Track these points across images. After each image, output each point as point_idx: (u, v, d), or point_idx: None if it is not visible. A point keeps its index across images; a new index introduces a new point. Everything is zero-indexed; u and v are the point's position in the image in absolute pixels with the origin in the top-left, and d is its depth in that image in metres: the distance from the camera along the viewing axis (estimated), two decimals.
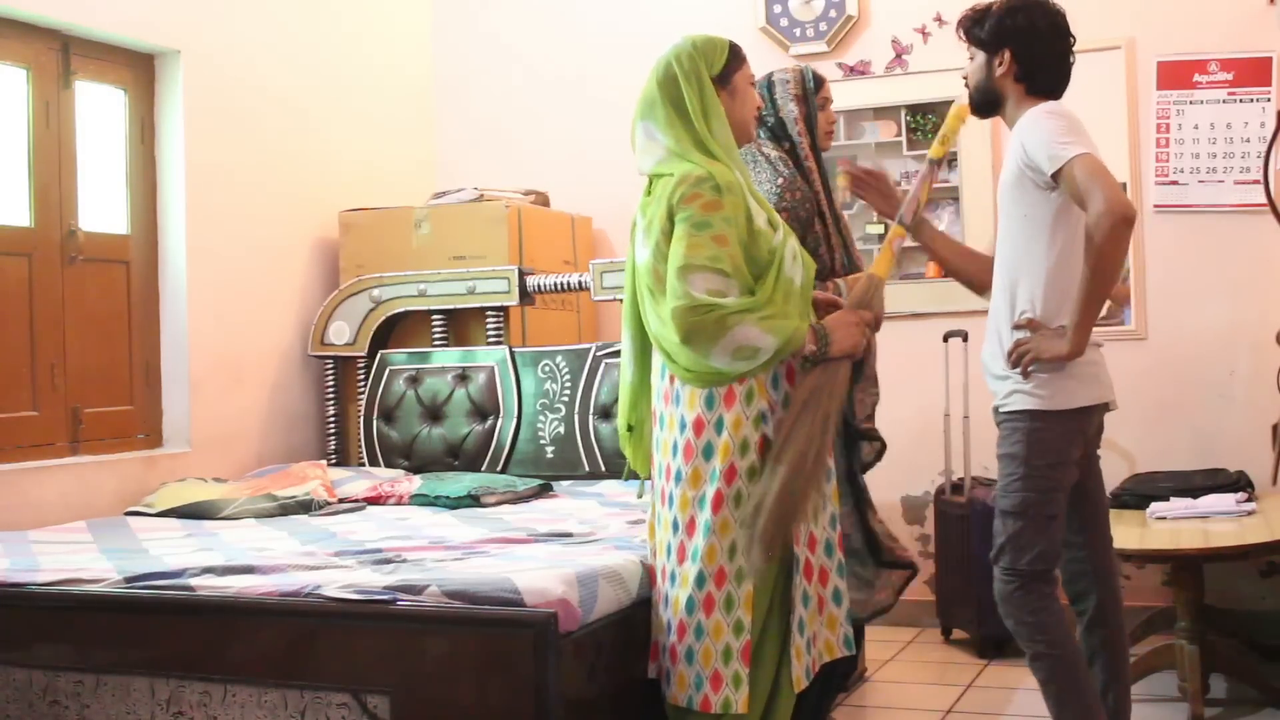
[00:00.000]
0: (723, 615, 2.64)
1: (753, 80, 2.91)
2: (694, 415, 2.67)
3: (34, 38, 4.09)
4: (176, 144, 4.51)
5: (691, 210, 2.60)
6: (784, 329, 2.59)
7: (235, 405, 4.68)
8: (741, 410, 2.64)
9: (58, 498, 3.98)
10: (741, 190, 2.67)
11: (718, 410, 2.65)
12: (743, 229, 2.64)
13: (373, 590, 2.61)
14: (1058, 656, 2.83)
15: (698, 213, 2.60)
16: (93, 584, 2.86)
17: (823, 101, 3.53)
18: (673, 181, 2.66)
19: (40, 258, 4.10)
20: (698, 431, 2.66)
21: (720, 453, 2.65)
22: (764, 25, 5.22)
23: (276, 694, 2.59)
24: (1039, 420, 2.82)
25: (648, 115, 2.79)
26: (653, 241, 2.66)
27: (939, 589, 4.76)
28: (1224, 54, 4.61)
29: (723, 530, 2.64)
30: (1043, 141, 2.73)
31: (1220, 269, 4.62)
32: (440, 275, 4.85)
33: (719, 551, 2.64)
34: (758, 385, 2.66)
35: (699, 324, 2.53)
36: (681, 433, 2.69)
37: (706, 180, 2.62)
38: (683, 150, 2.71)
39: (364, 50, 5.43)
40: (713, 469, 2.65)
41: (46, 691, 2.80)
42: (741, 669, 2.62)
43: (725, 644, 2.63)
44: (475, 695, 2.45)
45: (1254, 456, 4.43)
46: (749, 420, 2.65)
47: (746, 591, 2.63)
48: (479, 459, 4.64)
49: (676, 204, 2.63)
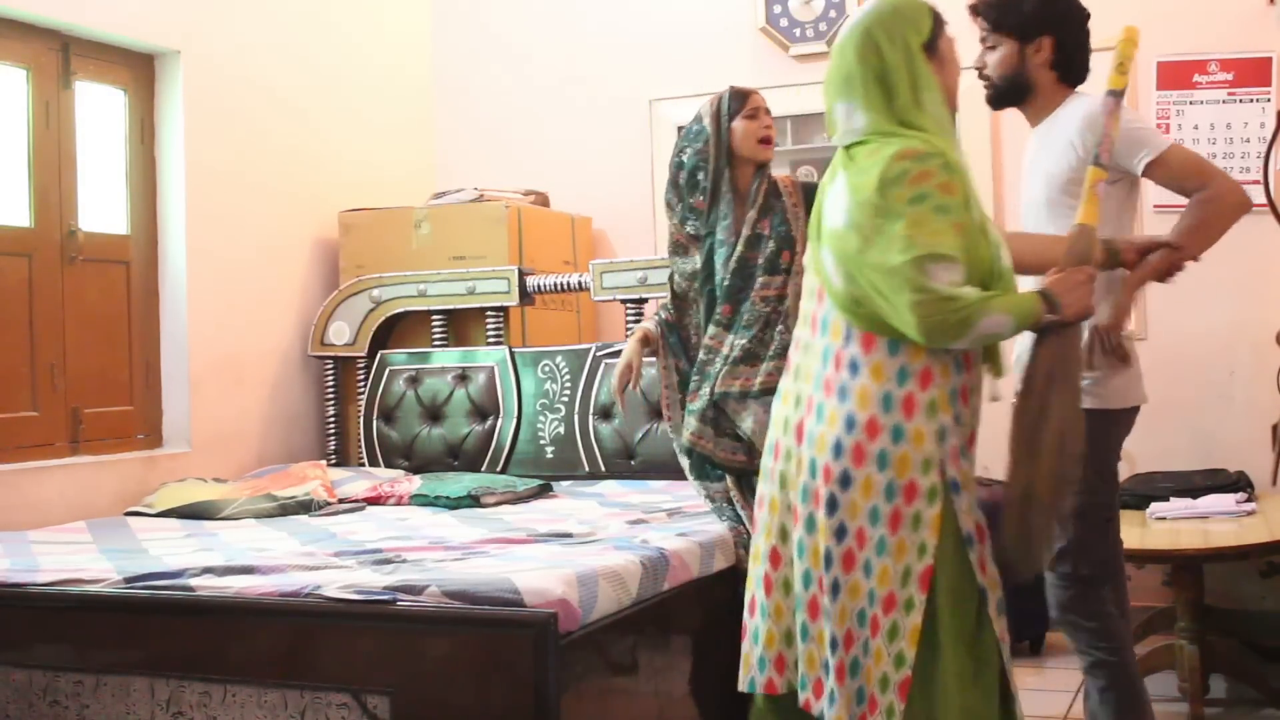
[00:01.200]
0: (885, 643, 2.36)
1: (953, 43, 2.56)
2: (866, 416, 2.37)
3: (34, 38, 4.09)
4: (176, 144, 4.50)
5: (926, 190, 2.29)
6: (1020, 306, 2.34)
7: (235, 405, 4.68)
8: (924, 422, 2.36)
9: (58, 498, 3.98)
10: (966, 170, 2.39)
11: (895, 416, 2.36)
12: (973, 211, 2.37)
13: (373, 590, 2.61)
14: (1117, 664, 2.77)
15: (936, 194, 2.30)
16: (92, 584, 2.85)
17: (752, 111, 3.45)
18: (890, 154, 2.33)
19: (40, 258, 4.09)
20: (871, 435, 2.36)
21: (897, 465, 2.35)
22: (764, 25, 5.22)
23: (276, 694, 2.59)
24: (1099, 420, 2.70)
25: (846, 94, 2.44)
26: (865, 218, 2.33)
27: None
28: (1224, 54, 4.61)
29: (898, 553, 2.35)
30: (1134, 130, 2.70)
31: (1220, 269, 4.59)
32: (440, 275, 4.85)
33: (893, 576, 2.36)
34: (941, 399, 2.37)
35: (943, 322, 2.26)
36: (849, 432, 2.37)
37: (936, 157, 2.33)
38: (892, 129, 2.39)
39: (364, 50, 5.43)
40: (888, 481, 2.36)
41: (46, 691, 2.80)
42: (897, 703, 2.34)
43: (884, 672, 2.36)
44: (475, 695, 2.45)
45: (1254, 456, 4.43)
46: (931, 435, 2.36)
47: (914, 624, 2.35)
48: (479, 459, 4.64)
49: (901, 180, 2.30)
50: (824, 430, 2.39)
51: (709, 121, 3.48)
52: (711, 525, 3.39)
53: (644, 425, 4.39)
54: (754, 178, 3.49)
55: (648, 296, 4.62)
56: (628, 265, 4.63)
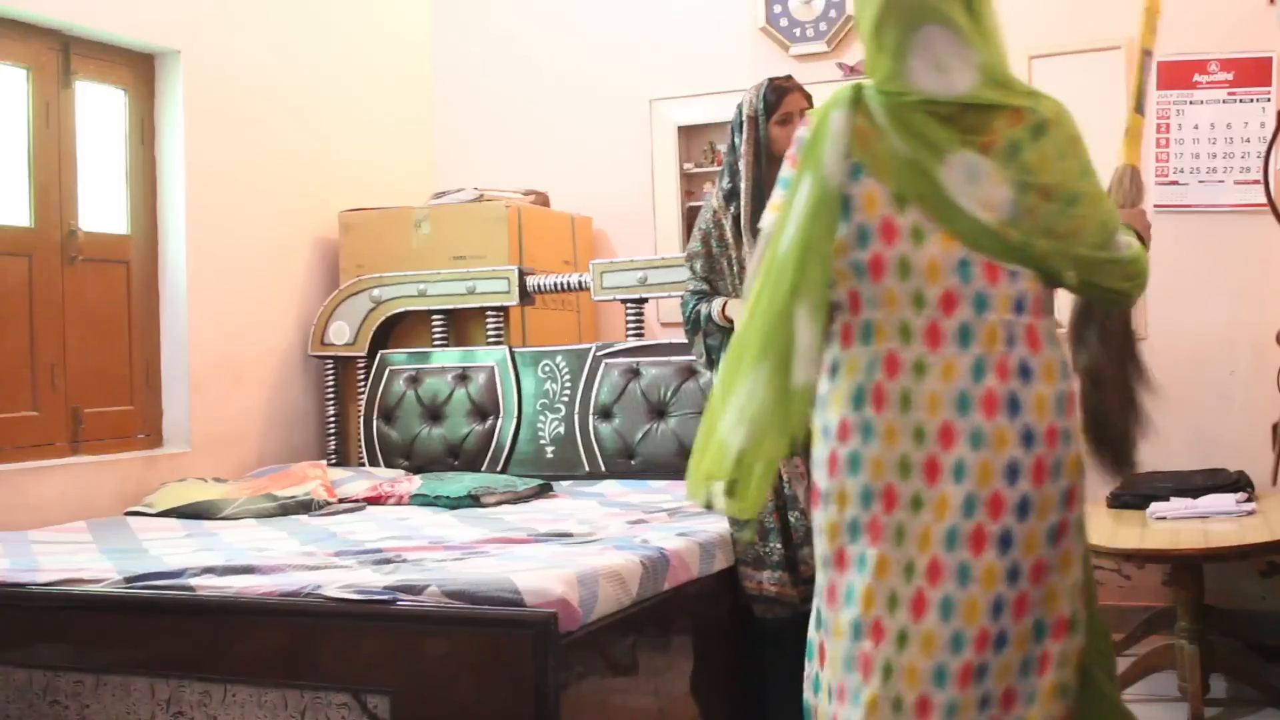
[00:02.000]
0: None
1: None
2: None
3: (34, 38, 4.09)
4: (176, 144, 4.50)
5: (1088, 160, 2.03)
6: (1141, 250, 2.13)
7: (235, 405, 4.68)
8: None
9: (58, 498, 3.98)
10: None
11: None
12: None
13: (373, 590, 2.61)
14: None
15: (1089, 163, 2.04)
16: (93, 584, 2.86)
17: (784, 116, 3.42)
18: (1065, 117, 2.03)
19: (40, 258, 4.09)
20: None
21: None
22: (764, 25, 5.22)
23: (276, 694, 2.59)
24: None
25: (937, 16, 1.98)
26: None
27: None
28: (1224, 54, 4.60)
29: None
30: None
31: (1220, 269, 4.62)
32: (440, 275, 4.85)
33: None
34: None
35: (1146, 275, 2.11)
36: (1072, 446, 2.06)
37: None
38: (1008, 77, 2.02)
39: (364, 50, 5.43)
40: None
41: (46, 691, 2.80)
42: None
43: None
44: (475, 695, 2.45)
45: (1254, 456, 4.42)
46: None
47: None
48: (479, 459, 4.64)
49: (1075, 146, 2.02)
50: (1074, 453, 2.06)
51: (745, 127, 3.46)
52: (712, 525, 3.39)
53: (644, 425, 4.39)
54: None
55: (648, 296, 4.62)
56: (628, 265, 4.63)
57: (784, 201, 2.05)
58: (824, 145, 2.00)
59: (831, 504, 2.04)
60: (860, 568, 2.01)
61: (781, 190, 2.08)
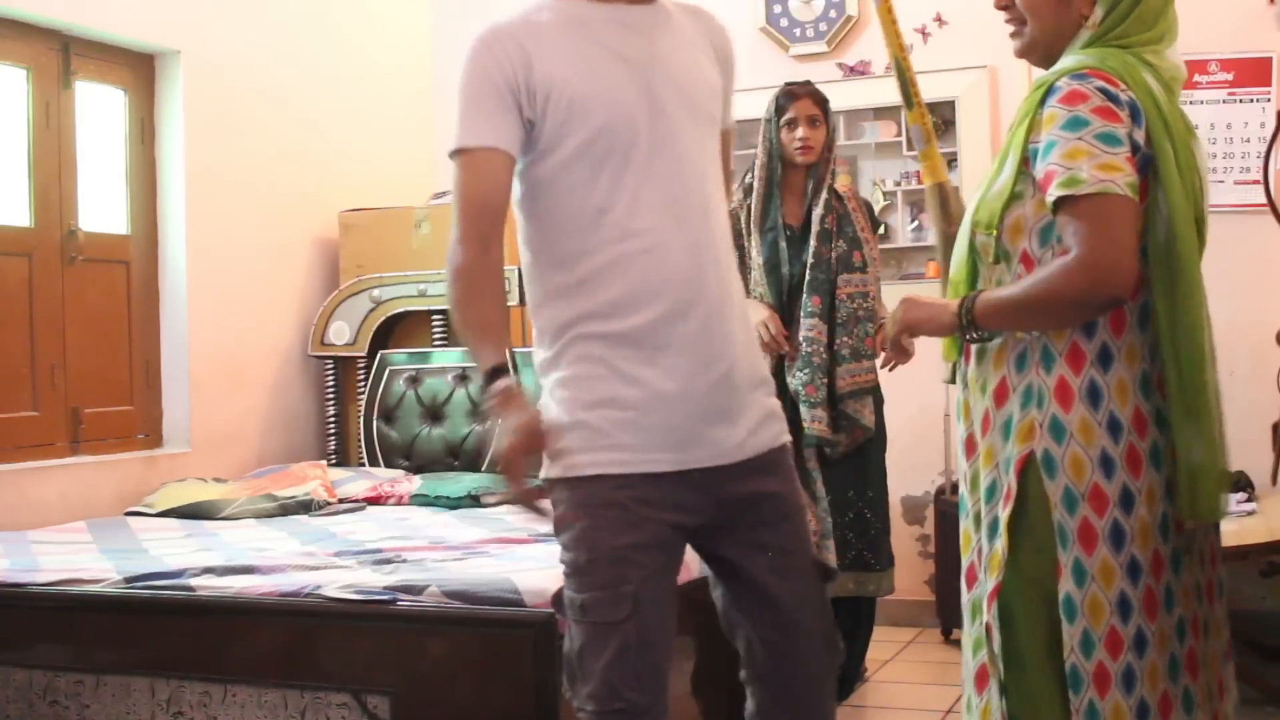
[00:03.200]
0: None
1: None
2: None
3: (34, 38, 4.09)
4: (176, 144, 4.50)
5: None
6: None
7: (235, 405, 4.67)
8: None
9: (58, 498, 3.98)
10: None
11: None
12: None
13: (373, 590, 2.61)
14: None
15: None
16: (93, 584, 2.86)
17: (788, 121, 3.70)
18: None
19: (40, 258, 4.09)
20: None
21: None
22: (764, 25, 5.21)
23: (276, 694, 2.59)
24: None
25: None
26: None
27: (939, 589, 4.76)
28: (1224, 54, 4.60)
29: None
30: None
31: (1220, 269, 4.55)
32: (440, 275, 4.84)
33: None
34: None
35: None
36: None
37: None
38: None
39: (364, 50, 5.43)
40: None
41: (46, 691, 2.80)
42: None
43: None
44: (475, 695, 2.45)
45: (1254, 456, 4.42)
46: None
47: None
48: (479, 459, 4.64)
49: None
50: None
51: (762, 128, 3.75)
52: None
53: None
54: (807, 177, 3.76)
55: None
56: None
57: (1164, 172, 1.86)
58: (1167, 109, 1.90)
59: (1140, 504, 1.88)
60: (1175, 567, 1.91)
61: (1124, 148, 1.82)
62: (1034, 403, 1.90)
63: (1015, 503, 1.90)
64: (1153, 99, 1.88)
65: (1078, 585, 1.86)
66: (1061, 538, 1.87)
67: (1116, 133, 1.82)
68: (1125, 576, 1.86)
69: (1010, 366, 1.94)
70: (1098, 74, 1.86)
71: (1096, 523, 1.87)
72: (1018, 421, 1.92)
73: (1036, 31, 2.00)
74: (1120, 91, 1.85)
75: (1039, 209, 1.88)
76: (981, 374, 1.99)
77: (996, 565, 1.91)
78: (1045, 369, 1.90)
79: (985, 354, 1.98)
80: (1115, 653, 1.85)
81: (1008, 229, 1.93)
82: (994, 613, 1.90)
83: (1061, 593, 1.87)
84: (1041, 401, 1.90)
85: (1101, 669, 1.85)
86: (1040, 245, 1.91)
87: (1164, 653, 1.88)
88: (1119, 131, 1.82)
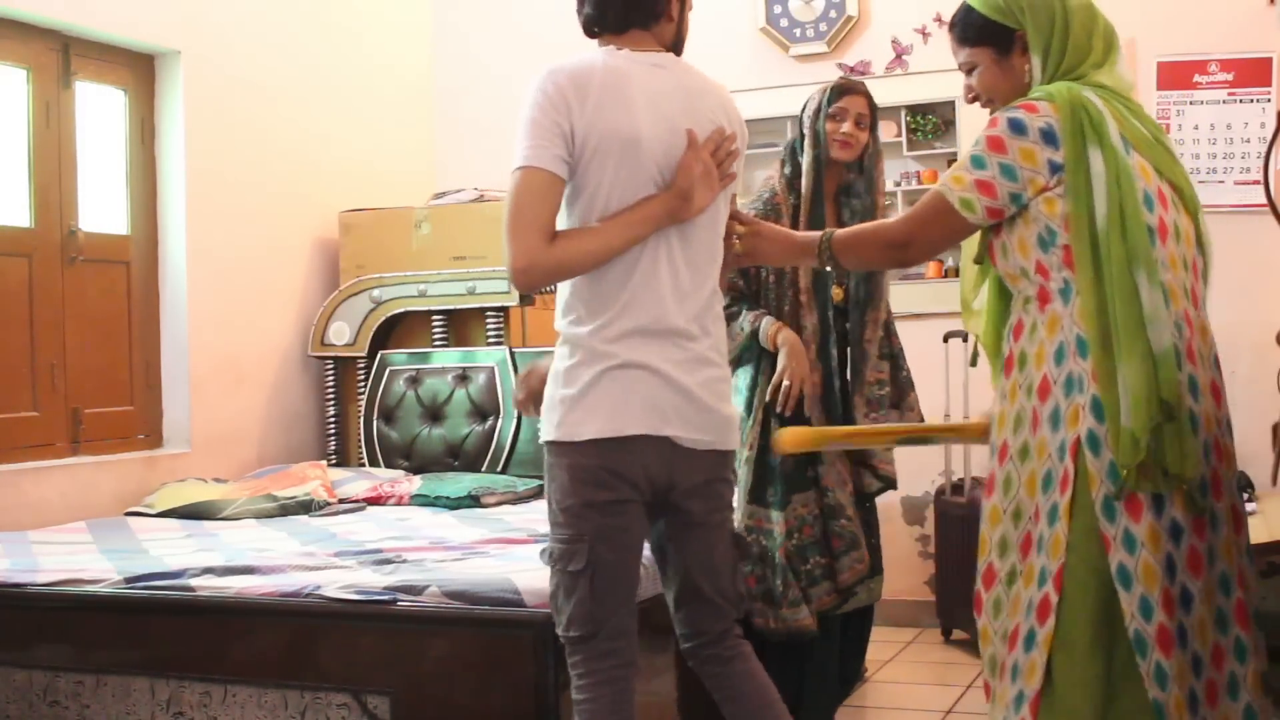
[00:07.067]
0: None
1: None
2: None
3: (34, 38, 4.09)
4: (176, 144, 4.51)
5: None
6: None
7: (235, 406, 4.68)
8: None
9: (58, 498, 3.98)
10: None
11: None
12: None
13: (373, 590, 2.62)
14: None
15: None
16: (93, 584, 2.86)
17: (837, 112, 3.49)
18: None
19: (40, 258, 4.09)
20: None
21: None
22: (764, 25, 5.21)
23: (276, 694, 2.59)
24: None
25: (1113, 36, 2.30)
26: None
27: (939, 589, 4.76)
28: (1224, 54, 4.60)
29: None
30: None
31: (1220, 269, 4.55)
32: (440, 275, 4.85)
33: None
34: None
35: None
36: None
37: None
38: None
39: (364, 50, 5.43)
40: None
41: (46, 691, 2.80)
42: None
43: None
44: (475, 695, 2.45)
45: (1254, 456, 4.42)
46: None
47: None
48: (479, 459, 4.64)
49: None
50: None
51: (805, 126, 3.54)
52: None
53: None
54: (840, 177, 3.58)
55: None
56: None
57: (1074, 182, 2.09)
58: (1104, 123, 2.10)
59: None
60: (1214, 525, 2.08)
61: (1049, 174, 2.10)
62: (1076, 389, 2.07)
63: (1073, 486, 2.05)
64: (1088, 116, 2.09)
65: (1129, 553, 2.01)
66: (1108, 511, 2.02)
67: (988, 160, 2.13)
68: (1169, 539, 2.02)
69: (1050, 363, 2.11)
70: (1026, 105, 2.13)
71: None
72: (1065, 410, 2.07)
73: (1000, 101, 2.27)
74: (1037, 118, 2.10)
75: (1027, 224, 2.13)
76: (1025, 378, 2.16)
77: (1059, 548, 2.05)
78: (1081, 356, 2.07)
79: (1026, 360, 2.16)
80: (1170, 612, 1.99)
81: (1015, 249, 2.17)
82: (1061, 592, 2.04)
83: (1114, 563, 2.01)
84: (1082, 386, 2.06)
85: (1163, 630, 1.99)
86: (1043, 253, 2.13)
87: (1210, 607, 2.04)
88: (996, 160, 2.12)
